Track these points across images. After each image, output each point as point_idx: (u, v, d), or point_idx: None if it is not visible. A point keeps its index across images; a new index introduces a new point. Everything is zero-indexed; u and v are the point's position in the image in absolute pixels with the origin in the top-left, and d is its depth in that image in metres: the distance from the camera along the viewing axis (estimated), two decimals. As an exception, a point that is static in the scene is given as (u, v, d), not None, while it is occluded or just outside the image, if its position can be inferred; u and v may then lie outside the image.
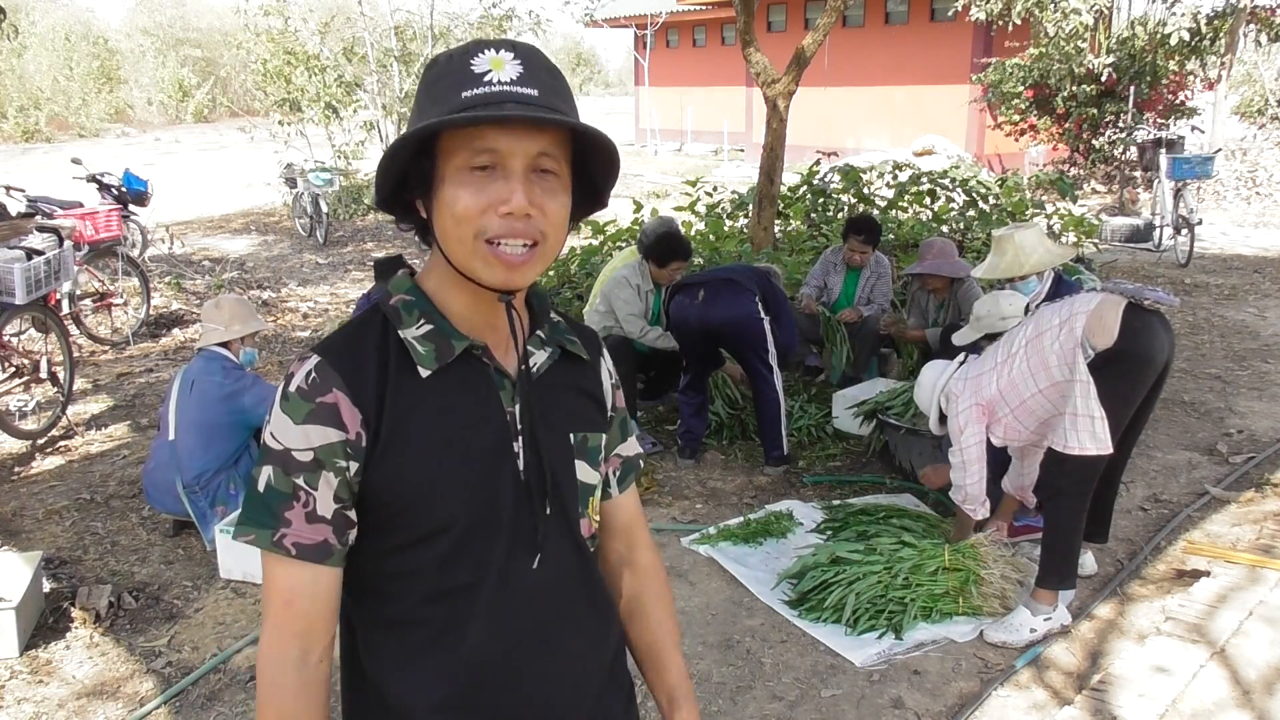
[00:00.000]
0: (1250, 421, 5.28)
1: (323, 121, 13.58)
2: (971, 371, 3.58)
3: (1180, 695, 2.81)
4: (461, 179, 1.05)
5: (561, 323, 1.26)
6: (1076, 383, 3.16)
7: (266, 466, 1.08)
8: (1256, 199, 12.87)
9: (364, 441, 1.08)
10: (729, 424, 5.19)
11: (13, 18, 12.84)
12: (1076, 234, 8.37)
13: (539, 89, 1.05)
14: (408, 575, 1.11)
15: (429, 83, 1.08)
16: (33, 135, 27.62)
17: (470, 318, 1.14)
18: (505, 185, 1.04)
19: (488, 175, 1.04)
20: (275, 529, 1.07)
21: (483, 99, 1.02)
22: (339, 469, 1.07)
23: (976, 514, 3.58)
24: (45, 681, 3.17)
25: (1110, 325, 3.14)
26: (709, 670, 3.17)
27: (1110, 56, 13.20)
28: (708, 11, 22.19)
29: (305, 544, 1.07)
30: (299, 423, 1.06)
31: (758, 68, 6.98)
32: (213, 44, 34.93)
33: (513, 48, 1.06)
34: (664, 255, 4.98)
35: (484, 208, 1.04)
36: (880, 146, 17.32)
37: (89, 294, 7.04)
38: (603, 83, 56.82)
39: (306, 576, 1.08)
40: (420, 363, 1.10)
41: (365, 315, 1.15)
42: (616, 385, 1.33)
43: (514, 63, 1.05)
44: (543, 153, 1.05)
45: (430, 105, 1.05)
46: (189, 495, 3.92)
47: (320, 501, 1.07)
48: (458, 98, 1.03)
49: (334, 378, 1.07)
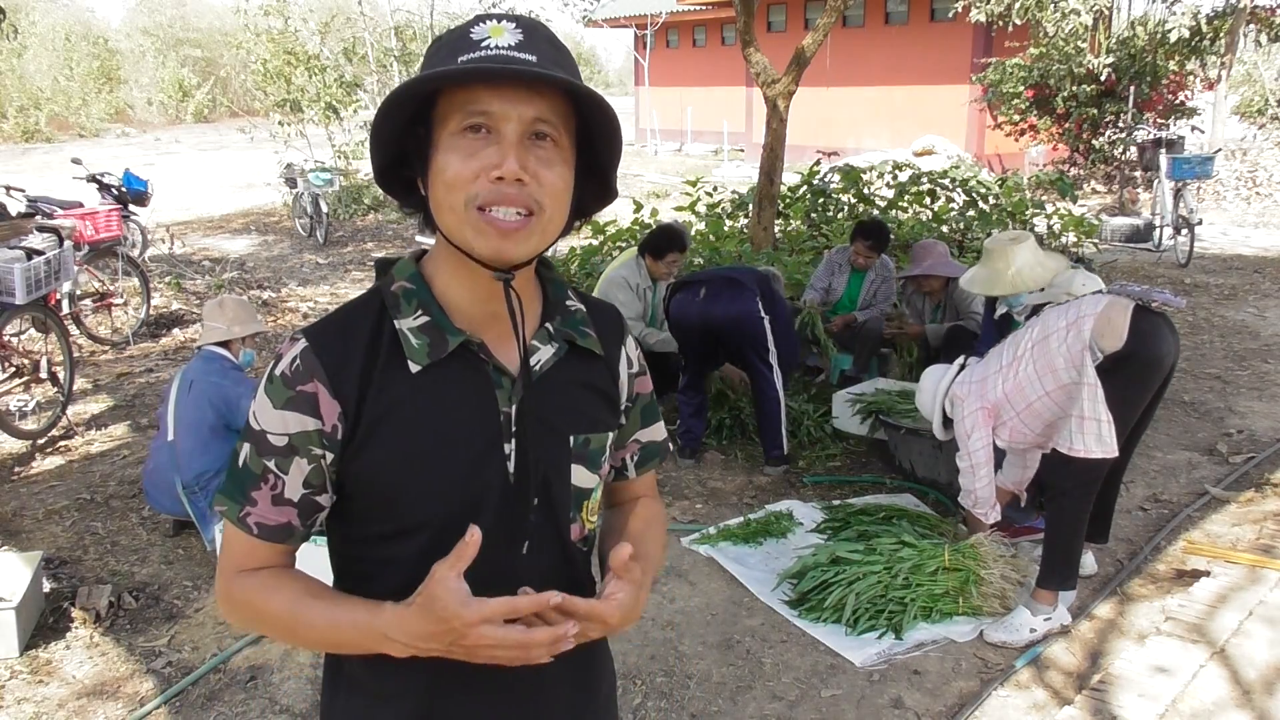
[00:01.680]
0: (1250, 421, 5.28)
1: (323, 122, 13.59)
2: (976, 375, 3.57)
3: (1180, 695, 2.81)
4: (454, 144, 1.02)
5: (580, 311, 1.21)
6: (1084, 385, 3.15)
7: (246, 444, 1.09)
8: (1256, 199, 12.87)
9: (340, 434, 1.07)
10: (729, 424, 5.19)
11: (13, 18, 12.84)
12: (1076, 234, 8.37)
13: (538, 56, 1.02)
14: (387, 563, 1.11)
15: (430, 54, 1.06)
16: (33, 135, 27.63)
17: (470, 308, 1.10)
18: (497, 150, 1.01)
19: (481, 140, 1.01)
20: (242, 506, 1.09)
21: (477, 61, 1.00)
22: (313, 456, 1.07)
23: (988, 518, 3.57)
24: (45, 681, 3.17)
25: (1119, 328, 3.14)
26: (709, 670, 3.17)
27: (1110, 56, 13.20)
28: (708, 11, 22.19)
29: (268, 524, 1.09)
30: (277, 408, 1.06)
31: (758, 68, 6.98)
32: (213, 44, 34.96)
33: (515, 19, 1.04)
34: (660, 247, 4.98)
35: (475, 173, 1.01)
36: (880, 146, 17.31)
37: (89, 294, 7.04)
38: (603, 83, 56.89)
39: (263, 552, 1.11)
40: (411, 357, 1.08)
41: (364, 297, 1.13)
42: (639, 373, 1.28)
43: (514, 31, 1.03)
44: (538, 118, 1.02)
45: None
46: (188, 495, 3.91)
47: (289, 485, 1.08)
48: (454, 63, 1.01)
49: (316, 367, 1.06)
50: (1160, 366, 3.21)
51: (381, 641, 1.03)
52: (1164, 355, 3.19)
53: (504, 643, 0.98)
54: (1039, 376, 3.33)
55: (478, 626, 0.97)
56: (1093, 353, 3.17)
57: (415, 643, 1.01)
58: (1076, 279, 3.87)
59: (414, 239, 11.02)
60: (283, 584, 1.10)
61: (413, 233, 11.51)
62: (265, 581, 1.10)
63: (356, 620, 1.04)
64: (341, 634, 1.06)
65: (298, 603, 1.08)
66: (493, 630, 0.97)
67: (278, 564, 1.12)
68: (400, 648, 1.02)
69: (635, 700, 3.00)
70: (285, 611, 1.08)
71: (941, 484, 4.37)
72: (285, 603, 1.08)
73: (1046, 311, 3.48)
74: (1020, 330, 3.58)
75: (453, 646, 0.99)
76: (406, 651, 1.03)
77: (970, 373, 3.60)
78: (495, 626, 0.97)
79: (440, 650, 1.01)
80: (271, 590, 1.09)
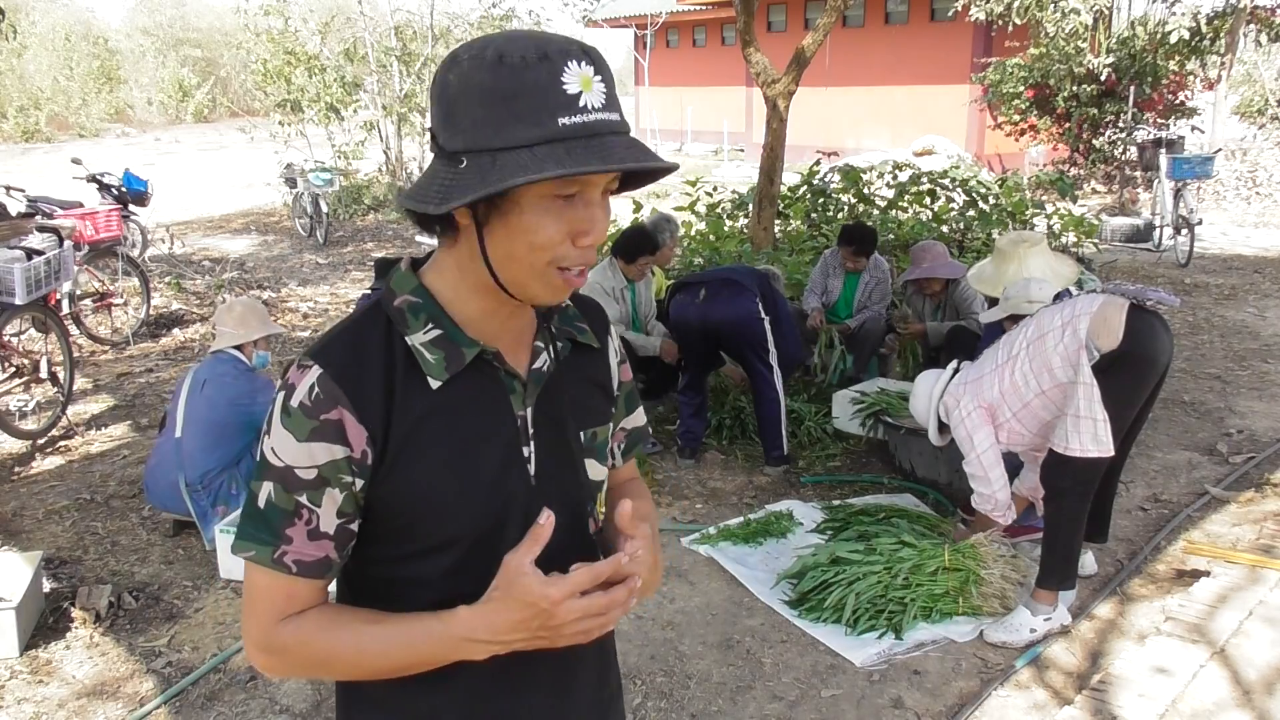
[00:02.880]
0: (1250, 421, 5.28)
1: (323, 122, 13.58)
2: (970, 376, 3.56)
3: (1180, 695, 2.81)
4: (545, 206, 0.98)
5: (570, 308, 1.22)
6: (1080, 385, 3.14)
7: (267, 483, 1.04)
8: (1256, 199, 12.87)
9: (369, 459, 1.04)
10: (729, 424, 5.19)
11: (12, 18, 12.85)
12: (1076, 234, 8.37)
13: (619, 112, 1.00)
14: (414, 583, 1.09)
15: (508, 91, 0.95)
16: (33, 135, 27.62)
17: (481, 321, 1.09)
18: (586, 214, 1.00)
19: (568, 203, 1.00)
20: (276, 546, 1.04)
21: (580, 130, 0.95)
22: (344, 484, 1.04)
23: (1006, 519, 3.53)
24: (45, 681, 3.17)
25: (1115, 327, 3.14)
26: (709, 670, 3.17)
27: (1110, 56, 13.20)
28: (708, 11, 22.19)
29: (306, 561, 1.05)
30: (302, 440, 1.02)
31: (758, 68, 6.98)
32: (213, 44, 34.97)
33: (587, 55, 0.98)
34: (631, 251, 4.98)
35: (564, 236, 1.00)
36: (880, 146, 17.30)
37: (89, 294, 7.04)
38: (603, 83, 56.89)
39: (304, 592, 1.07)
40: (430, 373, 1.05)
41: (365, 315, 1.09)
42: (623, 360, 1.29)
43: (599, 82, 0.97)
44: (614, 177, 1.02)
45: (515, 122, 0.95)
46: (191, 494, 3.92)
47: (324, 518, 1.04)
48: (554, 124, 0.95)
49: (338, 394, 1.02)
50: (1155, 365, 3.21)
51: (460, 647, 1.02)
52: (1159, 354, 3.19)
53: (590, 611, 0.99)
54: (1035, 375, 3.32)
55: (563, 603, 0.97)
56: (1089, 352, 3.16)
57: (500, 636, 1.00)
58: (1031, 287, 3.84)
59: (414, 239, 11.03)
60: (339, 618, 1.06)
61: (412, 233, 11.51)
62: (319, 621, 1.06)
63: (430, 632, 1.03)
64: (417, 652, 1.04)
65: (361, 633, 1.05)
66: (577, 603, 0.98)
67: (318, 603, 1.08)
68: (483, 648, 1.02)
69: (635, 700, 3.00)
70: (350, 645, 1.05)
71: (941, 484, 4.37)
72: (350, 636, 1.05)
73: (1040, 311, 3.47)
74: (1014, 330, 3.56)
75: (539, 631, 1.00)
76: (489, 651, 1.02)
77: (964, 374, 3.59)
78: (579, 599, 0.98)
79: (525, 640, 1.01)
80: (329, 627, 1.05)
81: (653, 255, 5.07)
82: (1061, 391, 3.25)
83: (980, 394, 3.48)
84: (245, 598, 1.09)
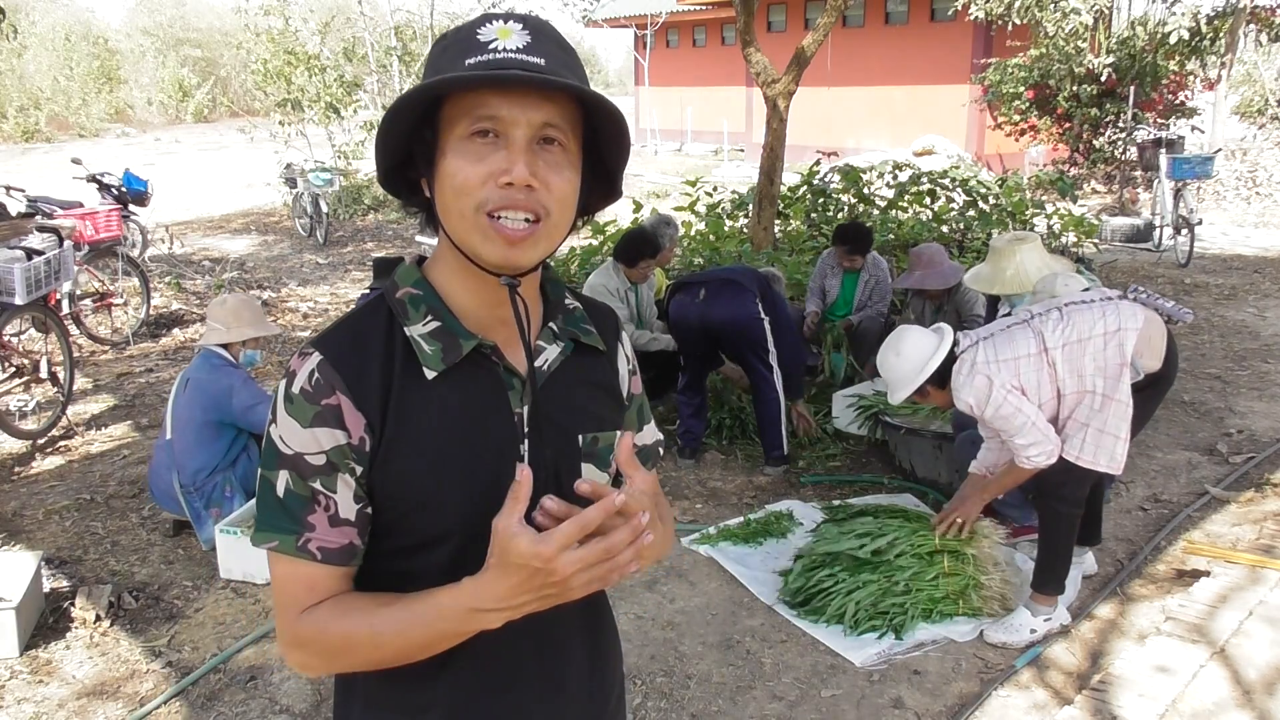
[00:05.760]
0: (1250, 421, 5.28)
1: (323, 121, 13.59)
2: (1004, 354, 3.20)
3: (1180, 695, 2.81)
4: (462, 148, 1.01)
5: (578, 310, 1.21)
6: (1115, 402, 3.06)
7: (282, 471, 1.04)
8: (1256, 199, 12.87)
9: (367, 446, 1.05)
10: (729, 424, 5.19)
11: (12, 18, 12.85)
12: (1076, 234, 8.37)
13: (546, 58, 1.01)
14: (412, 576, 1.09)
15: (435, 54, 1.05)
16: (33, 135, 27.61)
17: (479, 312, 1.10)
18: (506, 155, 1.00)
19: (490, 145, 1.00)
20: (299, 533, 1.04)
21: (486, 65, 0.99)
22: (350, 469, 1.04)
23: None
24: (45, 681, 3.17)
25: (1159, 349, 3.11)
26: (709, 670, 3.17)
27: (1110, 56, 13.20)
28: (708, 11, 22.19)
29: (331, 548, 1.05)
30: (307, 426, 1.03)
31: (758, 68, 6.98)
32: (213, 44, 34.97)
33: (522, 20, 1.03)
34: (632, 255, 4.99)
35: (484, 178, 1.00)
36: (880, 146, 17.31)
37: (89, 294, 7.04)
38: (603, 83, 56.90)
39: (327, 580, 1.06)
40: (426, 364, 1.06)
41: (368, 306, 1.11)
42: (634, 371, 1.28)
43: (522, 32, 1.02)
44: (547, 123, 1.01)
45: (435, 73, 1.02)
46: (185, 495, 3.92)
47: (342, 504, 1.05)
48: (461, 65, 1.00)
49: (336, 379, 1.04)
50: (1171, 383, 3.21)
51: (472, 618, 1.00)
52: (1176, 371, 3.20)
53: (590, 559, 0.94)
54: (1069, 377, 3.16)
55: (558, 557, 0.93)
56: (1134, 370, 3.07)
57: (506, 602, 0.98)
58: (1058, 281, 3.75)
59: (414, 239, 11.03)
60: (352, 604, 1.06)
61: (413, 233, 11.52)
62: (333, 610, 1.05)
63: (443, 607, 1.00)
64: (433, 628, 1.02)
65: (375, 616, 1.04)
66: (574, 554, 0.93)
67: (341, 591, 1.07)
68: (494, 616, 0.99)
69: (635, 700, 3.00)
70: (366, 628, 1.03)
71: (941, 484, 4.37)
72: (363, 619, 1.04)
73: (1073, 312, 3.21)
74: (1042, 320, 3.24)
75: (545, 590, 0.96)
76: (501, 618, 1.00)
77: (990, 352, 3.22)
78: (575, 550, 0.94)
79: (534, 601, 0.97)
80: (343, 613, 1.05)
81: (653, 258, 5.07)
82: (1079, 399, 3.15)
83: (1018, 375, 3.16)
84: (274, 597, 1.09)
